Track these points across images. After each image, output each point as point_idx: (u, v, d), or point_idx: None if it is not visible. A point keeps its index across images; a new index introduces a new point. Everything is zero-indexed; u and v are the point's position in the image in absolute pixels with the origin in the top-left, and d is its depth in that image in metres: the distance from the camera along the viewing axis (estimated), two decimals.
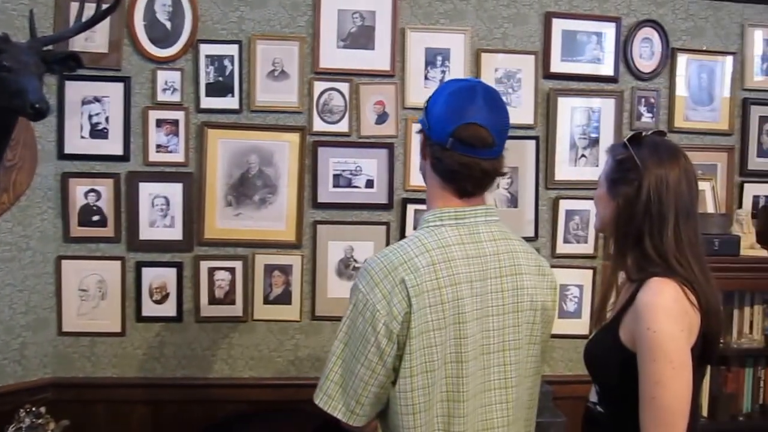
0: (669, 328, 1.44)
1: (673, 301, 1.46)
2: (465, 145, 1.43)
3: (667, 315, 1.45)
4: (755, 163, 3.06)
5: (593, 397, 1.66)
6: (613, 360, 1.53)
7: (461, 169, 1.46)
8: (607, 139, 2.91)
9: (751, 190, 3.05)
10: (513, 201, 2.89)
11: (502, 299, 1.50)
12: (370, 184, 2.83)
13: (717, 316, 1.53)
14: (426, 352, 1.40)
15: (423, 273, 1.40)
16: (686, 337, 1.45)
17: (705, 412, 2.82)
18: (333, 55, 2.81)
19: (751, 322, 2.86)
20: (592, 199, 1.73)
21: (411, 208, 2.84)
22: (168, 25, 2.74)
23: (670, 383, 1.42)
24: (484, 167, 1.46)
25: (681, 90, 2.97)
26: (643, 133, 1.63)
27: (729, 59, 3.01)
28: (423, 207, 2.82)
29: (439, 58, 2.84)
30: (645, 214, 1.53)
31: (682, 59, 2.97)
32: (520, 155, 2.89)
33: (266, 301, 2.82)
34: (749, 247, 2.78)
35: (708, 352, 1.54)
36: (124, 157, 2.73)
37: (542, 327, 1.59)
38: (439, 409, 1.45)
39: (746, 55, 3.03)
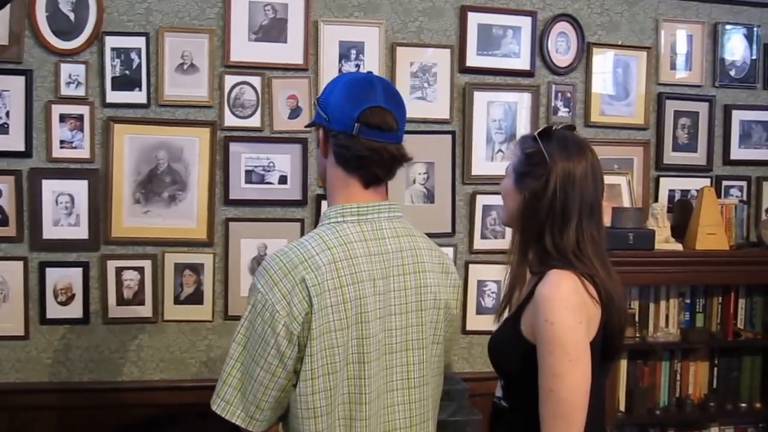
0: (566, 321, 1.42)
1: (571, 293, 1.44)
2: (372, 129, 1.41)
3: (564, 307, 1.43)
4: (671, 157, 3.08)
5: (498, 392, 1.64)
6: (515, 353, 1.51)
7: (371, 154, 1.43)
8: (523, 133, 2.88)
9: (667, 184, 3.07)
10: (429, 197, 2.86)
11: (405, 297, 1.47)
12: (283, 180, 2.77)
13: (619, 310, 1.51)
14: (328, 354, 1.36)
15: (324, 271, 1.36)
16: (584, 330, 1.44)
17: (622, 407, 2.81)
18: (244, 48, 2.75)
19: (667, 316, 2.87)
20: None
21: (326, 205, 2.76)
22: (71, 16, 2.66)
23: (568, 375, 1.40)
24: (391, 151, 1.44)
25: (597, 84, 2.99)
26: (554, 127, 1.60)
27: (644, 54, 3.02)
28: None
29: (354, 51, 2.80)
30: (549, 210, 1.51)
31: (597, 54, 2.97)
32: (436, 150, 2.86)
33: (177, 301, 2.74)
34: (664, 241, 2.78)
35: (610, 345, 1.52)
36: (26, 153, 2.64)
37: (445, 326, 1.57)
38: (341, 411, 1.40)
39: (661, 50, 3.05)
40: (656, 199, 3.05)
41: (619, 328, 1.53)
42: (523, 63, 2.93)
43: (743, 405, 2.91)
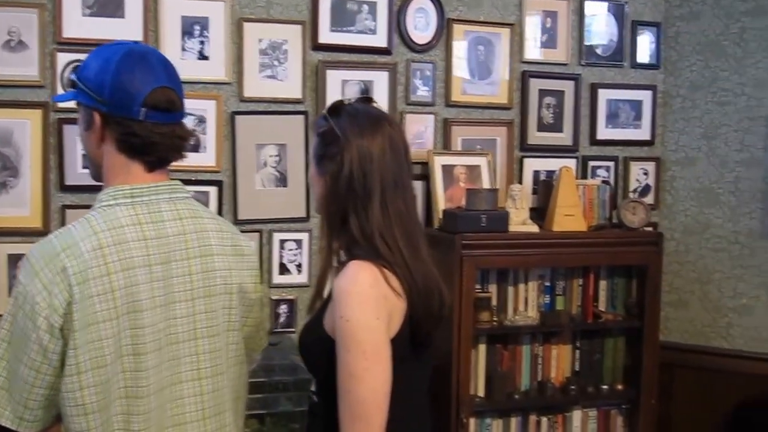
0: (363, 317, 1.32)
1: (369, 286, 1.34)
2: (160, 112, 1.35)
3: (360, 302, 1.32)
4: (535, 137, 3.02)
5: (313, 387, 1.54)
6: (319, 349, 1.41)
7: (162, 139, 1.36)
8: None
9: (532, 165, 3.02)
10: (282, 180, 2.74)
11: (191, 283, 1.39)
12: None
13: (426, 296, 1.40)
14: (95, 346, 1.27)
15: (88, 258, 1.27)
16: (384, 326, 1.34)
17: (481, 392, 2.75)
18: (78, 24, 2.57)
19: (526, 299, 2.82)
20: None
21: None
22: None
23: (365, 375, 1.31)
24: (179, 133, 1.39)
25: (458, 63, 2.90)
26: (345, 101, 1.49)
27: (507, 31, 2.95)
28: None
29: (197, 27, 2.65)
30: (349, 191, 1.40)
31: (458, 30, 2.89)
32: (288, 132, 2.74)
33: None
34: (521, 223, 2.73)
35: (418, 335, 1.42)
36: None
37: (243, 311, 1.48)
38: (117, 407, 1.31)
39: (525, 27, 2.97)
40: (521, 181, 2.99)
41: (425, 315, 1.42)
42: (379, 40, 2.82)
43: (605, 387, 2.89)
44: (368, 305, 1.32)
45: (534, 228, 2.73)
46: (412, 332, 1.40)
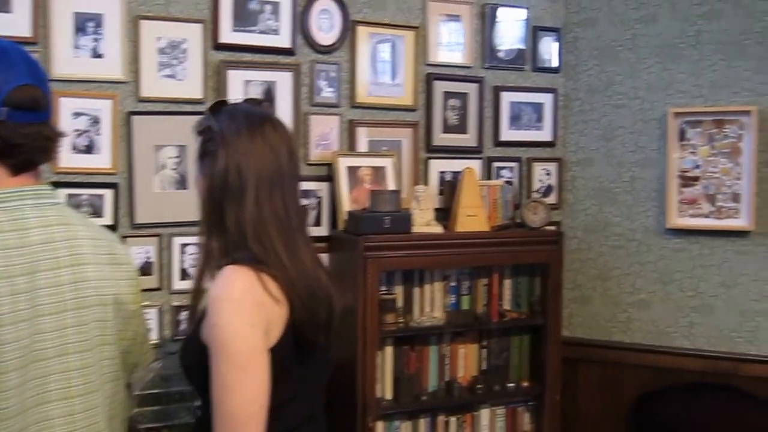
0: (235, 325, 1.26)
1: (243, 293, 1.28)
2: (23, 111, 1.26)
3: (233, 309, 1.27)
4: (440, 139, 3.05)
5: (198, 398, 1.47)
6: (197, 360, 1.34)
7: (26, 140, 1.27)
8: (285, 114, 2.76)
9: (437, 166, 3.04)
10: (182, 182, 2.67)
11: (60, 295, 1.29)
12: None
13: (312, 304, 1.36)
14: None
15: None
16: (259, 334, 1.28)
17: (388, 395, 2.74)
18: None
19: (432, 300, 2.83)
20: None
21: (62, 192, 2.51)
22: None
23: (237, 387, 1.25)
24: (46, 133, 1.32)
25: (362, 64, 2.89)
26: (229, 101, 1.47)
27: (411, 34, 2.97)
28: (76, 191, 2.55)
29: (91, 24, 2.55)
30: (224, 188, 1.36)
31: (363, 32, 2.88)
32: (188, 132, 2.60)
33: None
34: (426, 224, 2.74)
35: (303, 341, 1.37)
36: None
37: (119, 324, 1.40)
38: None
39: (429, 29, 3.00)
40: (427, 182, 3.01)
41: (310, 322, 1.37)
42: (282, 40, 2.78)
43: (511, 385, 2.93)
44: (241, 312, 1.26)
45: (438, 229, 2.75)
46: (296, 340, 1.36)
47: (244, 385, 1.25)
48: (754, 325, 3.03)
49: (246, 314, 1.26)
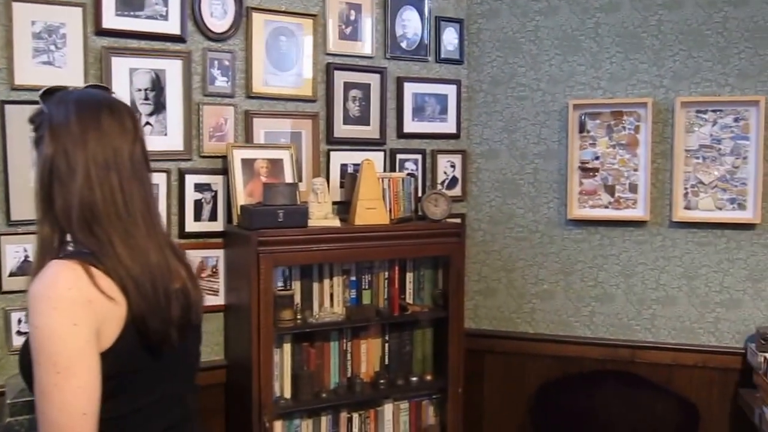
0: (53, 324, 1.15)
1: (67, 289, 1.17)
2: None
3: (53, 307, 1.16)
4: (342, 130, 2.98)
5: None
6: (28, 364, 1.21)
7: None
8: (175, 104, 2.65)
9: (339, 158, 2.97)
10: None
11: None
12: None
13: (158, 300, 1.26)
14: None
15: None
16: (84, 334, 1.17)
17: (287, 393, 2.67)
18: None
19: (332, 295, 2.76)
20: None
21: None
22: None
23: (56, 393, 1.14)
24: None
25: (258, 53, 2.79)
26: (64, 87, 1.36)
27: (310, 22, 2.88)
28: None
29: None
30: (53, 174, 1.27)
31: (258, 19, 2.78)
32: None
33: None
34: (323, 217, 2.67)
35: (155, 344, 1.27)
36: None
37: None
38: None
39: (328, 18, 2.92)
40: (328, 174, 2.94)
41: (157, 319, 1.25)
42: (172, 26, 2.66)
43: (414, 379, 2.90)
44: (61, 311, 1.16)
45: (335, 222, 2.69)
46: (142, 339, 1.26)
47: (63, 391, 1.15)
48: (651, 313, 3.10)
49: (67, 313, 1.16)
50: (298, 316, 2.69)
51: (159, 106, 2.66)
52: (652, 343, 3.10)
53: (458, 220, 3.09)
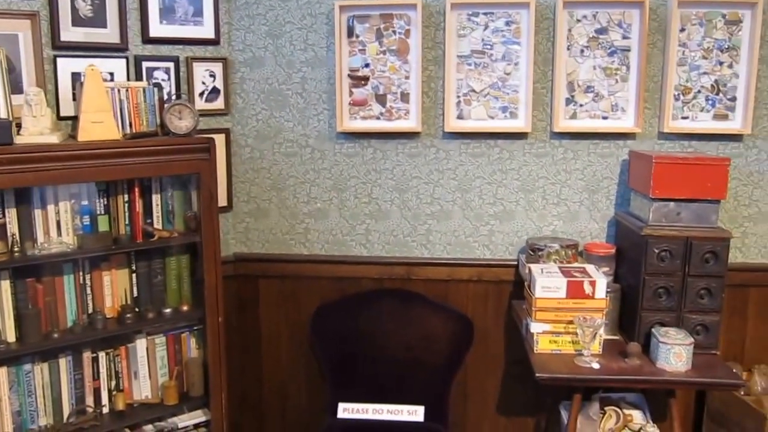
0: None
1: None
2: None
3: None
4: (71, 33, 2.63)
5: None
6: None
7: None
8: None
9: (69, 66, 2.62)
10: None
11: None
12: None
13: None
14: None
15: None
16: None
17: (11, 336, 2.39)
18: None
19: (59, 222, 2.47)
20: None
21: None
22: None
23: None
24: None
25: None
26: None
27: None
28: None
29: None
30: None
31: None
32: None
33: None
34: (39, 133, 2.34)
35: None
36: None
37: None
38: None
39: None
40: (57, 85, 2.59)
41: None
42: None
43: (168, 311, 2.69)
44: None
45: (52, 138, 2.37)
46: None
47: None
48: (426, 229, 3.04)
49: None
50: (15, 249, 2.38)
51: None
52: (428, 260, 3.06)
53: (209, 136, 2.83)
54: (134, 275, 2.68)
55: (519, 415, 3.15)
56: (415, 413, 2.90)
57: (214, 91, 2.98)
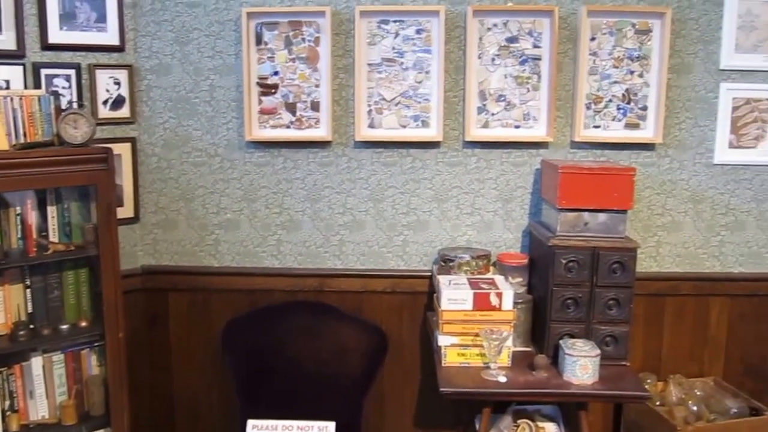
0: None
1: None
2: None
3: None
4: None
5: None
6: None
7: None
8: None
9: None
10: None
11: None
12: None
13: None
14: None
15: None
16: None
17: None
18: None
19: None
20: None
21: None
22: None
23: None
24: None
25: None
26: None
27: None
28: None
29: None
30: None
31: None
32: None
33: None
34: None
35: None
36: None
37: None
38: None
39: None
40: None
41: None
42: None
43: (65, 327, 2.62)
44: None
45: None
46: None
47: None
48: (339, 239, 3.01)
49: None
50: None
51: None
52: (341, 271, 3.03)
53: (107, 146, 2.76)
54: (28, 290, 2.60)
55: (437, 428, 3.13)
56: (325, 429, 2.85)
57: (119, 100, 2.92)
